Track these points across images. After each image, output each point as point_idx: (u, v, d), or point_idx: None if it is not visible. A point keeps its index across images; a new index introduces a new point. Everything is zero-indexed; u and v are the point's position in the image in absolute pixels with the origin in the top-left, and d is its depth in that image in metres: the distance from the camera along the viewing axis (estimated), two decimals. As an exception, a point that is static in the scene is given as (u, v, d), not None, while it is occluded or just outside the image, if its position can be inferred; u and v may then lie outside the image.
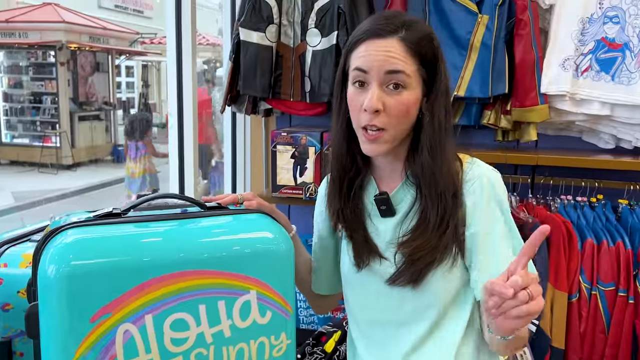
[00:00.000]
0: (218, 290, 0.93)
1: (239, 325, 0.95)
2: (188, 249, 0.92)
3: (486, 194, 0.98)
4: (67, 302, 0.84)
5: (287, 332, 0.99)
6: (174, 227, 0.96)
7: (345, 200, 1.06)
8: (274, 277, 0.97)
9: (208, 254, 0.93)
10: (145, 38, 12.97)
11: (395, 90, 0.95)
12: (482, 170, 1.01)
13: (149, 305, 0.89)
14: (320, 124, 2.24)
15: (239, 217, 1.02)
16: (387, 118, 0.95)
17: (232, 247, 0.95)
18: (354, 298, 1.11)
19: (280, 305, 0.98)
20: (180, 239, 0.94)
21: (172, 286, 0.90)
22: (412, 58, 0.95)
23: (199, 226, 0.98)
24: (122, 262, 0.88)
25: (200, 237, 0.95)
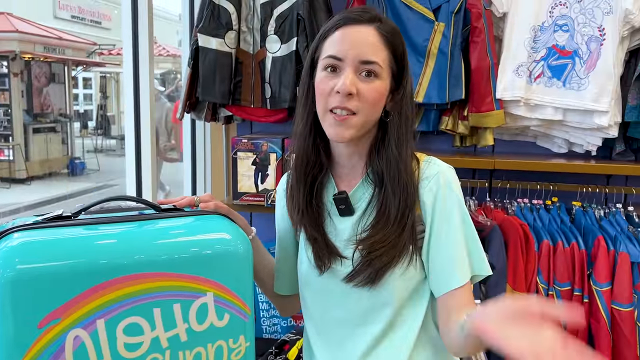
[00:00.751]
0: (173, 293, 0.90)
1: (196, 329, 0.92)
2: (141, 251, 0.90)
3: (443, 193, 0.99)
4: (12, 307, 0.80)
5: (246, 334, 0.97)
6: (127, 228, 0.93)
7: (307, 199, 1.05)
8: (232, 279, 0.95)
9: (162, 256, 0.90)
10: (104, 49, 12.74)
11: (368, 77, 0.96)
12: (439, 168, 1.02)
13: (101, 310, 0.85)
14: (281, 131, 2.23)
15: (195, 218, 1.00)
16: (359, 102, 0.95)
17: (188, 249, 0.93)
18: (311, 298, 1.09)
19: (238, 307, 0.96)
20: (132, 241, 0.91)
21: (125, 289, 0.87)
22: (386, 49, 0.97)
23: (153, 228, 0.95)
24: (71, 265, 0.84)
25: (154, 239, 0.93)
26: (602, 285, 1.71)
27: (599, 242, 1.74)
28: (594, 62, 1.80)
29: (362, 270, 0.98)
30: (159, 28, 1.97)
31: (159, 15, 3.61)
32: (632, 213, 1.86)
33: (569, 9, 1.83)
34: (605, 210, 1.87)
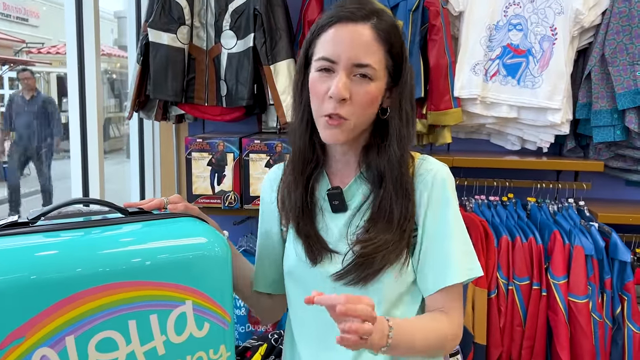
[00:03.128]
0: (149, 302, 0.83)
1: (174, 341, 0.86)
2: (112, 259, 0.82)
3: (437, 190, 0.97)
4: None
5: (226, 344, 0.92)
6: (94, 235, 0.85)
7: (303, 193, 1.01)
8: (211, 285, 0.89)
9: (136, 263, 0.83)
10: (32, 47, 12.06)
11: (363, 79, 0.92)
12: (434, 166, 1.00)
13: (70, 325, 0.78)
14: (237, 130, 2.17)
15: (168, 221, 0.94)
16: (352, 107, 0.92)
17: (163, 255, 0.86)
18: (296, 295, 1.05)
19: (219, 315, 0.90)
20: (101, 248, 0.83)
21: (96, 302, 0.79)
22: (381, 48, 0.93)
23: (123, 233, 0.88)
24: (33, 277, 0.76)
25: (124, 245, 0.85)
26: (559, 279, 1.76)
27: (555, 236, 1.79)
28: (547, 61, 1.85)
29: (354, 270, 0.95)
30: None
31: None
32: (583, 207, 1.93)
33: (522, 8, 1.87)
34: (558, 205, 1.92)
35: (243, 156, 1.96)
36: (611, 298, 1.79)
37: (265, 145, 1.93)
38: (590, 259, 1.77)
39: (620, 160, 1.99)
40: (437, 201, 0.97)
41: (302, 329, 1.06)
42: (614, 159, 1.99)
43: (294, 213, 1.02)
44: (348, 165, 1.02)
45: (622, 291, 1.79)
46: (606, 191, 2.10)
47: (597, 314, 1.76)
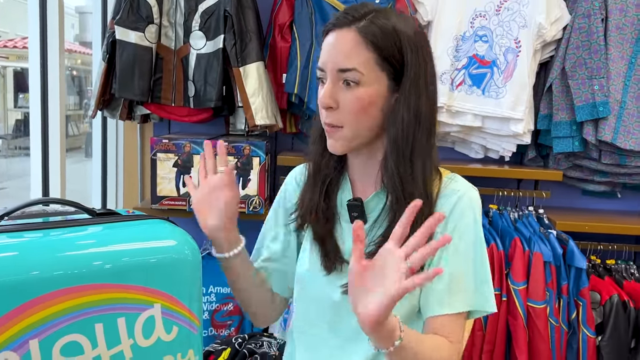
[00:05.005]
0: (117, 305, 0.82)
1: (142, 344, 0.84)
2: (79, 261, 0.80)
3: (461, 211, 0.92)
4: None
5: (194, 348, 0.90)
6: (59, 235, 0.83)
7: (320, 199, 0.99)
8: (180, 289, 0.88)
9: (104, 265, 0.81)
10: (-13, 40, 11.64)
11: (349, 86, 0.90)
12: (461, 186, 0.95)
13: (34, 328, 0.75)
14: (204, 131, 2.15)
15: (136, 223, 0.92)
16: (341, 115, 0.90)
17: (132, 257, 0.84)
18: (305, 303, 1.03)
19: (187, 318, 0.89)
20: (67, 249, 0.81)
21: (61, 305, 0.77)
22: (368, 51, 0.88)
23: (92, 234, 0.86)
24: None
25: (92, 247, 0.83)
26: (519, 284, 1.81)
27: (515, 243, 1.84)
28: (511, 72, 1.91)
29: None
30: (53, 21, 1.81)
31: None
32: (543, 215, 1.99)
33: (488, 20, 1.92)
34: (519, 213, 1.98)
35: (210, 158, 1.94)
36: (567, 303, 1.85)
37: (233, 147, 1.92)
38: (548, 265, 1.83)
39: (577, 171, 2.07)
40: (460, 223, 0.92)
41: (304, 340, 1.04)
42: (572, 169, 2.06)
43: (310, 218, 0.99)
44: (369, 177, 0.99)
45: (577, 297, 1.86)
46: (564, 200, 2.18)
47: (554, 318, 1.82)
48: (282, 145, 2.23)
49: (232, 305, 2.36)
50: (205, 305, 2.34)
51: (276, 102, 2.00)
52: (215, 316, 2.36)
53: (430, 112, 0.94)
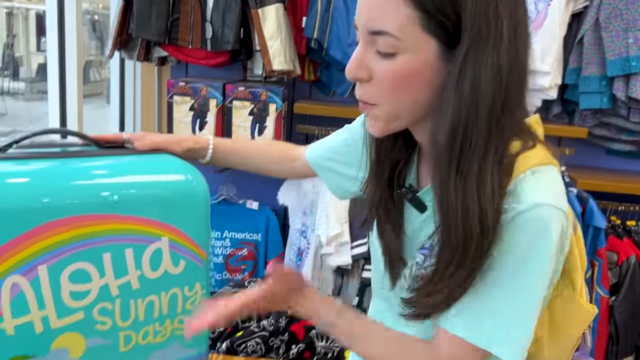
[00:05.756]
0: (125, 236, 0.82)
1: (149, 276, 0.85)
2: (89, 190, 0.80)
3: (510, 240, 0.67)
4: None
5: (201, 282, 0.91)
6: (70, 165, 0.83)
7: (385, 186, 0.82)
8: (188, 223, 0.88)
9: (114, 196, 0.81)
10: (9, -18, 11.57)
11: (385, 55, 0.67)
12: (528, 200, 0.66)
13: (43, 254, 0.76)
14: (221, 75, 2.12)
15: (147, 157, 0.91)
16: (374, 89, 0.70)
17: (141, 190, 0.84)
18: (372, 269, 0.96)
19: (194, 253, 0.89)
20: (77, 178, 0.81)
21: (70, 232, 0.78)
22: (407, 6, 0.64)
23: (101, 165, 0.85)
24: (6, 203, 0.73)
25: (102, 177, 0.83)
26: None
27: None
28: (541, 21, 1.83)
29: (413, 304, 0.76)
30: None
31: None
32: (564, 173, 1.94)
33: (519, -34, 1.83)
34: (539, 169, 1.93)
35: (226, 103, 1.92)
36: (583, 262, 1.82)
37: (250, 93, 1.90)
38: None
39: (604, 129, 2.00)
40: (503, 245, 0.67)
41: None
42: (599, 126, 2.00)
43: (374, 204, 0.84)
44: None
45: (594, 256, 1.83)
46: (588, 158, 2.12)
47: (568, 276, 1.80)
48: (300, 93, 2.19)
49: (247, 250, 2.39)
50: (219, 250, 2.37)
51: (295, 47, 1.95)
52: (230, 261, 2.39)
53: (503, 92, 0.65)
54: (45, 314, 0.77)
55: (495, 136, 0.66)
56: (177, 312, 0.89)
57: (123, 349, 0.84)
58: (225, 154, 1.07)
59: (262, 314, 1.92)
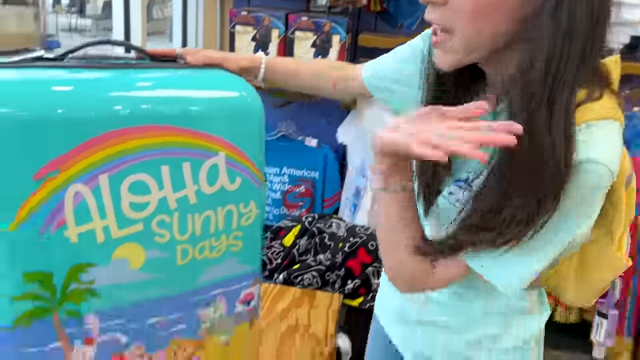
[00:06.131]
0: (183, 150, 0.81)
1: (206, 191, 0.85)
2: (148, 101, 0.79)
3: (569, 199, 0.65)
4: (1, 156, 0.70)
5: (256, 200, 0.90)
6: (128, 75, 0.82)
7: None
8: (244, 140, 0.86)
9: (172, 108, 0.80)
10: None
11: None
12: (589, 154, 0.64)
13: (104, 164, 0.77)
14: (284, 5, 2.07)
15: (200, 71, 0.90)
16: (450, 14, 0.66)
17: (199, 103, 0.83)
18: None
19: (250, 170, 0.88)
20: (136, 89, 0.80)
21: (130, 142, 0.78)
22: None
23: (159, 76, 0.84)
24: (66, 111, 0.74)
25: (160, 89, 0.82)
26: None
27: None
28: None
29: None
30: None
31: None
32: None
33: None
34: (622, 111, 1.80)
35: (288, 34, 1.88)
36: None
37: (313, 23, 1.85)
38: (645, 167, 1.67)
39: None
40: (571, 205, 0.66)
41: None
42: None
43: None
44: (496, 88, 0.76)
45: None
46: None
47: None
48: (365, 25, 2.12)
49: (304, 187, 2.39)
50: (277, 186, 2.39)
51: (360, -25, 1.87)
52: (287, 197, 2.41)
53: (595, 25, 0.63)
54: (107, 224, 0.79)
55: (582, 73, 0.63)
56: (232, 228, 0.89)
57: (180, 262, 0.86)
58: (278, 71, 1.05)
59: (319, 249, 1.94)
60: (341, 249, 1.88)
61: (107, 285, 0.81)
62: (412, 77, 0.91)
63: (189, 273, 0.87)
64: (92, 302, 0.80)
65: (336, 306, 1.53)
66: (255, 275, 0.96)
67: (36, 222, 0.73)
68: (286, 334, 1.37)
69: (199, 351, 0.93)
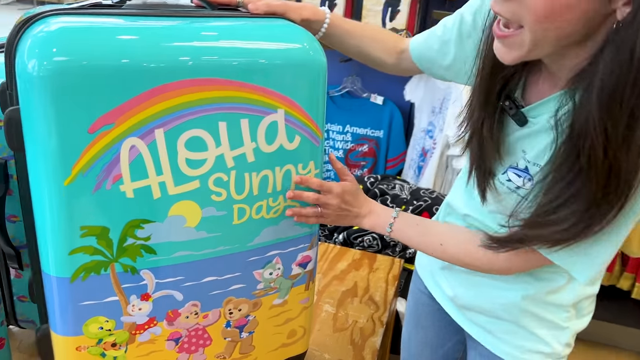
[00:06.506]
0: (241, 105, 0.77)
1: (264, 150, 0.81)
2: (206, 52, 0.75)
3: None
4: (56, 108, 0.67)
5: (315, 160, 0.86)
6: (192, 24, 0.78)
7: (491, 99, 0.80)
8: (305, 96, 0.81)
9: (230, 60, 0.76)
10: None
11: None
12: None
13: (160, 117, 0.74)
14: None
15: (261, 20, 0.84)
16: (520, 8, 0.63)
17: (262, 56, 0.78)
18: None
19: (310, 129, 0.83)
20: (194, 39, 0.76)
21: (187, 96, 0.74)
22: None
23: (222, 26, 0.80)
24: (125, 60, 0.70)
25: (219, 39, 0.78)
26: None
27: None
28: None
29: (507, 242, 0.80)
30: None
31: None
32: None
33: None
34: None
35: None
36: None
37: (382, -27, 1.74)
38: None
39: None
40: None
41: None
42: None
43: (477, 113, 0.82)
44: (552, 79, 0.76)
45: None
46: None
47: None
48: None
49: (367, 147, 2.33)
50: (340, 144, 2.34)
51: None
52: (350, 155, 2.36)
53: None
54: (163, 180, 0.77)
55: None
56: (290, 189, 0.85)
57: (236, 222, 0.83)
58: (339, 32, 0.99)
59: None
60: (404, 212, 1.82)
61: (163, 243, 0.79)
62: (461, 48, 0.90)
63: (245, 233, 0.85)
64: (148, 259, 0.79)
65: (397, 271, 1.48)
66: (312, 237, 0.92)
67: (92, 177, 0.72)
68: (344, 297, 1.34)
69: (254, 311, 0.92)
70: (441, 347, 1.11)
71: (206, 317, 0.88)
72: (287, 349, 1.00)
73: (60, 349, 0.80)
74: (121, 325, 0.81)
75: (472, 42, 0.87)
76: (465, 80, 0.90)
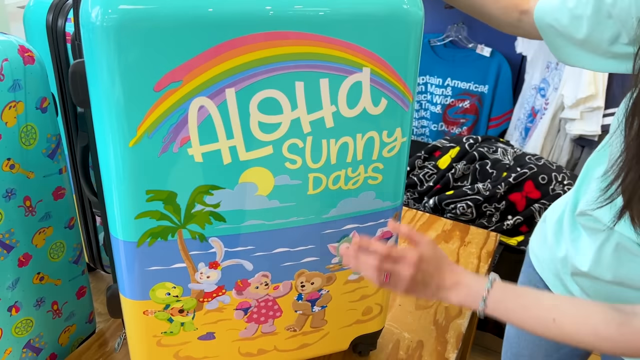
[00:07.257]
0: (321, 63, 0.68)
1: (345, 114, 0.72)
2: (279, 2, 0.66)
3: None
4: (119, 63, 0.62)
5: (403, 127, 0.76)
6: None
7: None
8: (395, 53, 0.70)
9: (307, 10, 0.66)
10: None
11: None
12: None
13: (231, 76, 0.67)
14: None
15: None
16: None
17: (341, 5, 0.68)
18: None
19: (400, 91, 0.73)
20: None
21: (260, 51, 0.66)
22: None
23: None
24: (192, 10, 0.63)
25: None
26: None
27: None
28: None
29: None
30: None
31: None
32: None
33: None
34: None
35: None
36: None
37: None
38: None
39: None
40: None
41: None
42: None
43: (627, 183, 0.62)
44: None
45: None
46: None
47: None
48: None
49: (469, 103, 2.15)
50: (438, 99, 2.18)
51: None
52: (448, 111, 2.20)
53: None
54: (234, 144, 0.71)
55: None
56: (372, 159, 0.76)
57: (312, 192, 0.76)
58: None
59: (478, 176, 1.74)
60: (505, 178, 1.66)
61: (233, 210, 0.74)
62: (591, 25, 0.73)
63: (321, 204, 0.78)
64: (217, 226, 0.74)
65: (491, 247, 1.35)
66: (395, 211, 0.83)
67: (158, 139, 0.67)
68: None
69: (328, 285, 0.86)
70: (556, 352, 0.98)
71: (277, 288, 0.83)
72: (362, 325, 0.94)
73: (128, 311, 0.79)
74: (189, 292, 0.78)
75: (614, 25, 0.71)
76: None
